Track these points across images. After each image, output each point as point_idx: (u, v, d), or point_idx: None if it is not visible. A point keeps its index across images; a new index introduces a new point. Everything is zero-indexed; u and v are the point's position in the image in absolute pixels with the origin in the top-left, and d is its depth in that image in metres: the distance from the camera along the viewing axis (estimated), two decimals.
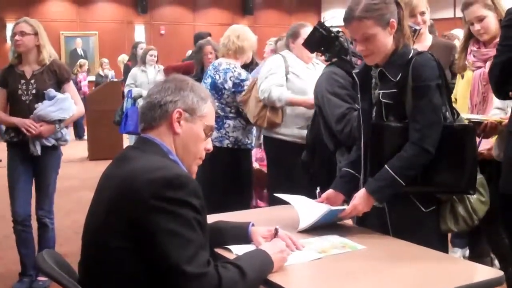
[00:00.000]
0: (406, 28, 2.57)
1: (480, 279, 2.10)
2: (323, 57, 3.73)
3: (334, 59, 3.48)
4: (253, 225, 2.35)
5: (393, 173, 2.47)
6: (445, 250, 2.64)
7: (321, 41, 3.48)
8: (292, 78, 4.34)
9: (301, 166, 3.76)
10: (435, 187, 2.54)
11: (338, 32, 3.45)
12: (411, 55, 2.53)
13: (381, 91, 2.56)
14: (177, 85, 2.07)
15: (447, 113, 2.55)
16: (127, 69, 9.04)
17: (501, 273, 2.11)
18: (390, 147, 2.53)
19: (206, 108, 2.10)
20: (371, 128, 2.61)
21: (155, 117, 2.05)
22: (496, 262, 3.69)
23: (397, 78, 2.51)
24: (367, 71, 2.67)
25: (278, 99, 4.25)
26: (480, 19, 3.33)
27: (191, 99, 2.06)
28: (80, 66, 13.91)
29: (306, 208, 2.63)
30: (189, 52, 9.24)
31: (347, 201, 2.71)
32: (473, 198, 2.60)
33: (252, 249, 2.14)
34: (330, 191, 2.74)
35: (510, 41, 2.66)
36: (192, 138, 2.08)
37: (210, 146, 2.16)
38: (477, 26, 3.36)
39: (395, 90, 2.51)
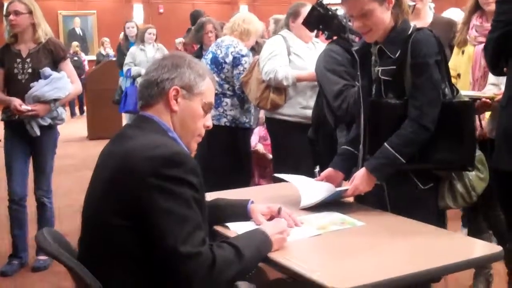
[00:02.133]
0: (405, 4, 2.55)
1: (479, 255, 2.10)
2: (323, 36, 3.72)
3: (334, 37, 3.48)
4: (252, 202, 2.34)
5: (393, 151, 2.46)
6: (443, 227, 2.65)
7: (320, 20, 3.49)
8: (293, 59, 4.32)
9: (308, 143, 3.80)
10: (434, 163, 2.53)
11: (336, 10, 3.44)
12: (410, 31, 2.51)
13: (380, 68, 2.55)
14: (174, 62, 2.05)
15: (446, 89, 2.54)
16: (119, 49, 9.06)
17: (499, 248, 2.11)
18: (390, 124, 2.52)
19: (204, 85, 2.08)
20: (370, 105, 2.61)
21: (152, 95, 2.04)
22: (494, 238, 3.70)
23: (396, 55, 2.50)
24: (366, 48, 2.65)
25: (285, 78, 4.23)
26: None
27: (188, 76, 2.04)
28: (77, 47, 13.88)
29: (308, 187, 2.63)
30: (178, 39, 9.23)
31: (346, 179, 2.72)
32: (472, 175, 2.59)
33: (251, 229, 2.12)
34: (329, 170, 2.74)
35: (503, 16, 2.65)
36: (190, 115, 2.07)
37: (209, 123, 2.15)
38: None
39: (394, 67, 2.50)
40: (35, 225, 4.25)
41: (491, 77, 3.24)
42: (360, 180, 2.54)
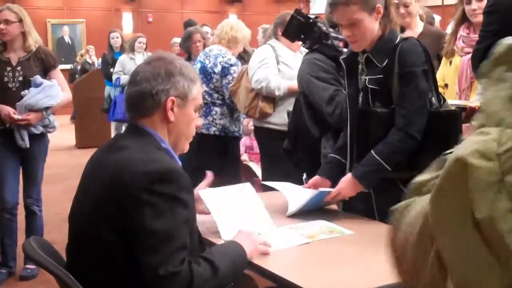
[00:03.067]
0: (393, 14, 2.58)
1: None
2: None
3: (315, 46, 3.45)
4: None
5: (379, 159, 2.48)
6: None
7: (300, 29, 3.45)
8: (282, 68, 4.32)
9: (283, 155, 3.73)
10: (421, 172, 2.53)
11: (316, 17, 3.44)
12: (397, 41, 2.53)
13: (367, 77, 2.56)
14: (167, 70, 2.00)
15: (433, 98, 2.56)
16: (104, 59, 9.04)
17: None
18: (377, 133, 2.54)
19: (196, 89, 2.07)
20: (358, 113, 2.62)
21: (147, 107, 2.00)
22: None
23: (384, 64, 2.52)
24: (353, 56, 2.66)
25: (277, 88, 4.23)
26: None
27: (182, 84, 2.01)
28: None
29: (294, 194, 2.64)
30: (175, 40, 9.18)
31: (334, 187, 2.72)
32: None
33: (226, 242, 2.14)
34: (316, 178, 2.75)
35: (490, 27, 2.69)
36: (185, 122, 2.06)
37: (199, 122, 2.16)
38: (474, 5, 3.37)
39: (381, 76, 2.52)
40: (24, 234, 4.22)
41: (480, 88, 3.27)
42: (345, 184, 2.56)
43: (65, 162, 8.78)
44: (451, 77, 3.58)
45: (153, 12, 17.27)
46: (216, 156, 4.68)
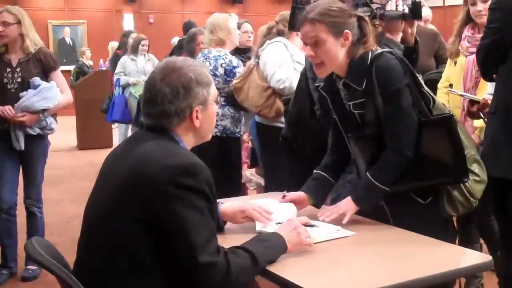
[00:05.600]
0: (371, 41, 2.47)
1: (468, 264, 2.11)
2: None
3: None
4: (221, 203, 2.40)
5: (376, 182, 2.44)
6: (451, 237, 2.63)
7: None
8: (296, 67, 4.24)
9: (281, 143, 3.65)
10: (429, 181, 2.49)
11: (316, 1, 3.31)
12: (370, 59, 2.43)
13: (351, 103, 2.49)
14: (183, 85, 2.02)
15: (421, 107, 2.46)
16: (117, 58, 8.90)
17: (489, 257, 2.12)
18: (374, 153, 2.49)
19: (212, 89, 2.12)
20: (350, 140, 2.57)
21: (174, 123, 2.04)
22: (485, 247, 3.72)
23: (363, 86, 2.43)
24: (330, 83, 2.58)
25: None
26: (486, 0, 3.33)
27: (201, 93, 2.06)
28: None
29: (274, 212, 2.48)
30: (175, 39, 9.10)
31: (319, 207, 2.64)
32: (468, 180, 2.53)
33: (269, 233, 2.17)
34: (299, 194, 2.63)
35: (495, 24, 2.70)
36: (209, 122, 2.15)
37: (216, 108, 2.19)
38: (480, 7, 3.37)
39: (364, 99, 2.45)
40: (25, 235, 4.21)
41: (489, 88, 3.27)
42: (345, 206, 2.50)
43: (66, 164, 8.79)
44: (456, 77, 3.59)
45: (154, 13, 17.29)
46: (217, 157, 4.66)
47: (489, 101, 2.99)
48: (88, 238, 2.00)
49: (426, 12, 4.82)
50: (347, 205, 2.50)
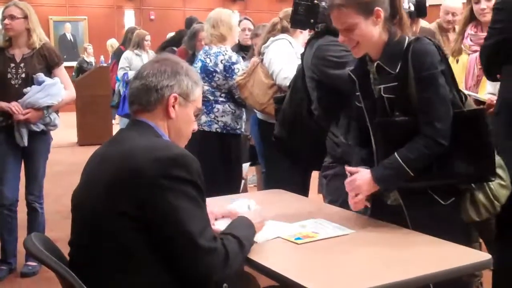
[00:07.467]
0: (405, 18, 2.40)
1: (467, 262, 2.11)
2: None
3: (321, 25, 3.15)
4: None
5: (402, 163, 2.32)
6: (470, 242, 2.58)
7: (308, 14, 3.17)
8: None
9: (274, 143, 3.56)
10: (454, 179, 2.38)
11: None
12: (406, 42, 2.36)
13: (381, 86, 2.38)
14: (173, 69, 2.08)
15: (455, 99, 2.39)
16: (121, 53, 8.88)
17: (489, 256, 2.12)
18: (399, 143, 2.36)
19: (198, 92, 2.13)
20: (378, 126, 2.44)
21: (150, 101, 2.05)
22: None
23: (397, 70, 2.34)
24: (362, 66, 2.49)
25: None
26: None
27: (186, 83, 2.08)
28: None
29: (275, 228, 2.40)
30: (170, 34, 9.04)
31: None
32: (494, 183, 2.41)
33: (236, 219, 2.20)
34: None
35: (499, 24, 2.69)
36: (184, 122, 2.11)
37: (196, 127, 2.20)
38: (483, 5, 3.36)
39: (396, 83, 2.35)
40: (25, 231, 4.22)
41: (489, 87, 3.27)
42: (361, 180, 2.39)
43: (67, 160, 8.78)
44: (458, 75, 3.57)
45: (155, 10, 17.26)
46: (218, 153, 4.66)
47: (494, 101, 2.99)
48: (78, 237, 1.99)
49: (455, 3, 4.71)
50: (363, 180, 2.39)
